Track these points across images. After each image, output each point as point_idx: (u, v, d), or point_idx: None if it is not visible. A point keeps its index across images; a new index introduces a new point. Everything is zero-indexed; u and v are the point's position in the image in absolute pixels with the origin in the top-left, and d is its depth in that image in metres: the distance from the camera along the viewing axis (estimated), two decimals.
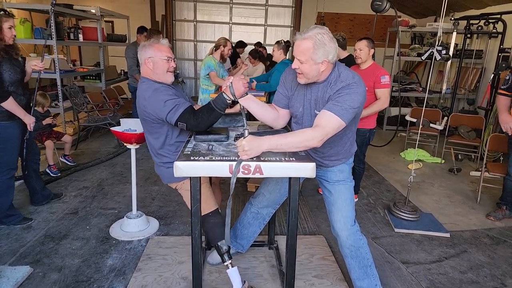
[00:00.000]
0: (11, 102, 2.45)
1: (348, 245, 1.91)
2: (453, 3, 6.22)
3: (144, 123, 1.96)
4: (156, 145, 1.97)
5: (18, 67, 2.56)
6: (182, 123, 1.78)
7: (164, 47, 1.94)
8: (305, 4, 8.28)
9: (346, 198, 1.88)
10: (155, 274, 2.23)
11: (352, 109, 1.60)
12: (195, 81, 8.67)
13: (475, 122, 4.75)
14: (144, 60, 1.91)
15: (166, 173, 2.02)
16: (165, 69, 1.91)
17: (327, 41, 1.59)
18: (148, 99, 1.84)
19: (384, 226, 3.00)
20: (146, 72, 1.94)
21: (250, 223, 2.24)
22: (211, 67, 3.89)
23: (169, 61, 1.92)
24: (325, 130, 1.57)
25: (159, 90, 1.85)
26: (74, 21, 6.36)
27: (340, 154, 1.87)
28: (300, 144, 1.56)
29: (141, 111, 1.92)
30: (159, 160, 2.02)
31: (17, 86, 2.55)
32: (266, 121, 1.89)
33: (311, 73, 1.65)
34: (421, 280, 2.31)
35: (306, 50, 1.60)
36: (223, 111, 1.78)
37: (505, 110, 3.03)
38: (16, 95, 2.52)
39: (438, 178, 4.24)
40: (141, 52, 1.93)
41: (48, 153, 3.65)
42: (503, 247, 2.77)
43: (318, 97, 1.72)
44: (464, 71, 6.20)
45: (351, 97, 1.60)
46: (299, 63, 1.64)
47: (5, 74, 2.44)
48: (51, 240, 2.57)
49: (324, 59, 1.61)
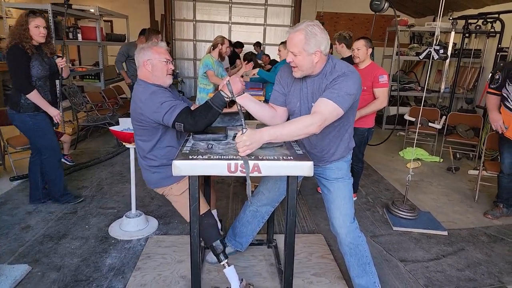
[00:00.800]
0: (35, 94, 2.68)
1: (347, 243, 1.92)
2: (452, 2, 6.24)
3: (137, 125, 1.96)
4: (146, 148, 1.98)
5: (48, 65, 2.79)
6: (180, 123, 1.78)
7: (163, 49, 1.95)
8: (305, 3, 8.29)
9: (345, 195, 1.89)
10: (154, 273, 2.24)
11: (348, 95, 1.62)
12: (194, 81, 8.67)
13: (473, 121, 4.76)
14: (142, 62, 1.92)
15: (152, 178, 2.04)
16: (164, 71, 1.93)
17: (318, 32, 1.64)
18: (144, 102, 1.85)
19: (382, 224, 3.01)
20: (144, 74, 1.94)
21: (249, 221, 2.25)
22: (209, 66, 3.89)
23: (167, 63, 1.94)
24: (323, 115, 1.58)
25: (156, 93, 1.86)
26: (73, 21, 6.35)
27: (339, 148, 1.87)
28: (300, 131, 1.56)
29: (135, 113, 1.91)
30: (147, 164, 2.02)
31: (44, 82, 2.77)
32: (264, 119, 1.90)
33: (305, 65, 1.68)
34: (419, 278, 2.32)
35: (299, 41, 1.64)
36: (221, 109, 1.78)
37: (495, 108, 3.06)
38: (42, 90, 2.75)
39: (436, 176, 4.25)
40: (140, 55, 1.93)
41: None
42: (500, 245, 2.78)
43: (315, 89, 1.74)
44: (462, 70, 6.22)
45: (347, 84, 1.63)
46: (293, 55, 1.68)
47: (33, 70, 2.68)
48: (50, 240, 2.57)
49: (316, 49, 1.64)
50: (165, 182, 2.03)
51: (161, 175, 2.02)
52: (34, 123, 2.77)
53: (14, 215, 2.90)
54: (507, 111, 2.96)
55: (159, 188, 2.07)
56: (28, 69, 2.65)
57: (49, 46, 2.82)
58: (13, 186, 3.45)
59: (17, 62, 2.62)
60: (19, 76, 2.63)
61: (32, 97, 2.67)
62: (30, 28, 2.63)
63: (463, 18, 5.79)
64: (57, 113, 2.83)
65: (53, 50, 2.88)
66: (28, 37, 2.62)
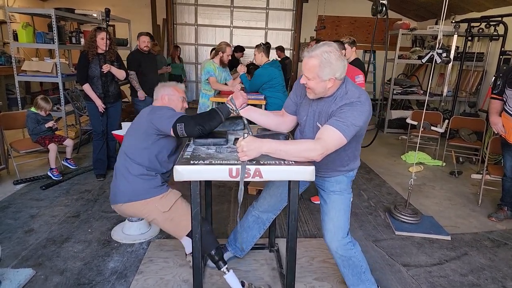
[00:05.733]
0: (87, 87, 3.57)
1: (338, 255, 1.91)
2: (454, 6, 6.24)
3: (137, 131, 2.07)
4: (137, 153, 2.03)
5: (101, 68, 3.56)
6: (180, 123, 1.84)
7: (182, 90, 2.25)
8: (306, 7, 8.31)
9: (339, 209, 1.87)
10: (157, 276, 2.24)
11: (354, 126, 1.60)
12: (196, 85, 8.70)
13: (476, 125, 4.75)
14: (160, 96, 2.16)
15: (132, 187, 2.02)
16: (179, 107, 2.16)
17: (334, 60, 1.60)
18: (150, 111, 2.04)
19: (384, 229, 3.00)
20: (159, 104, 2.16)
21: (250, 226, 2.24)
22: (210, 72, 3.91)
23: (183, 101, 2.21)
24: (326, 144, 1.56)
25: (165, 107, 2.07)
26: (75, 25, 6.39)
27: (337, 167, 1.86)
28: (299, 154, 1.55)
29: (143, 121, 2.03)
30: (134, 171, 2.02)
31: (97, 80, 3.60)
32: (269, 127, 1.96)
33: (318, 89, 1.68)
34: (421, 283, 2.31)
35: (313, 67, 1.63)
36: (224, 117, 1.87)
37: (495, 112, 3.11)
38: (93, 86, 3.60)
39: (439, 181, 4.23)
40: (160, 90, 2.19)
41: (51, 156, 3.68)
42: (504, 249, 2.76)
43: (322, 110, 1.74)
44: (465, 73, 6.21)
45: (353, 114, 1.61)
46: (306, 79, 1.68)
47: (90, 70, 3.56)
48: (53, 243, 2.58)
49: (330, 77, 1.62)
50: (146, 194, 2.02)
51: (144, 185, 2.02)
52: (88, 109, 3.78)
53: (18, 218, 2.91)
54: (507, 115, 3.00)
55: (135, 201, 2.02)
56: (86, 69, 3.54)
57: (111, 53, 3.63)
58: (16, 189, 3.47)
59: (79, 64, 3.57)
60: (78, 73, 3.63)
61: (84, 88, 3.58)
62: (98, 40, 3.49)
63: (466, 22, 5.78)
64: (101, 103, 3.61)
65: (113, 56, 3.67)
66: (94, 47, 3.49)
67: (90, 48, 3.50)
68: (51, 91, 7.25)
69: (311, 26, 8.48)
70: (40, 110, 3.73)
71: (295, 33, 8.44)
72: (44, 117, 3.78)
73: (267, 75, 3.79)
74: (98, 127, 3.73)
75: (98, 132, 3.75)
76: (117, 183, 2.06)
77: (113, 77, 3.72)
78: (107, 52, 3.58)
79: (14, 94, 5.93)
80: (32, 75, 4.59)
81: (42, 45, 4.61)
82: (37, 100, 3.76)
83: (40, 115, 3.74)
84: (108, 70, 3.57)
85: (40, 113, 3.74)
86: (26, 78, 4.84)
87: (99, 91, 3.62)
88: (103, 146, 3.80)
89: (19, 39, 4.68)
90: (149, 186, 2.01)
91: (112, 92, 3.75)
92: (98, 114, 3.66)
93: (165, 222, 2.05)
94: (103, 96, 3.64)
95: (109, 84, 3.68)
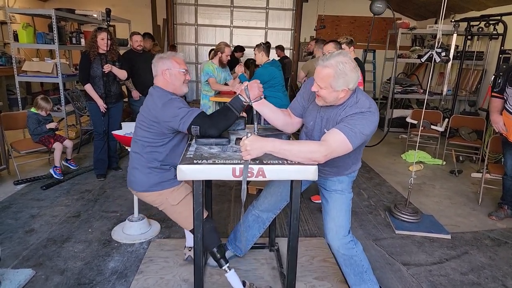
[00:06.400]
0: (89, 87, 3.59)
1: (340, 254, 1.91)
2: (453, 5, 6.24)
3: (144, 128, 1.93)
4: (149, 147, 1.94)
5: (103, 68, 3.57)
6: (196, 126, 1.77)
7: (181, 60, 1.99)
8: (306, 7, 8.31)
9: (341, 208, 1.87)
10: (157, 276, 2.25)
11: (361, 134, 1.59)
12: (196, 85, 8.70)
13: (476, 124, 4.75)
14: (161, 71, 1.94)
15: (145, 179, 1.97)
16: (182, 81, 1.97)
17: (349, 71, 1.57)
18: (162, 107, 1.84)
19: (385, 228, 3.00)
20: (161, 82, 1.96)
21: (250, 226, 2.25)
22: (210, 73, 3.92)
23: (185, 74, 1.98)
24: (331, 147, 1.55)
25: (175, 100, 1.88)
26: (76, 26, 6.40)
27: (341, 171, 1.87)
28: (303, 154, 1.53)
29: (149, 116, 1.88)
30: (150, 163, 1.96)
31: (98, 80, 3.62)
32: (277, 126, 1.93)
33: (329, 99, 1.65)
34: (422, 282, 2.31)
35: (326, 77, 1.59)
36: (239, 112, 1.80)
37: (496, 111, 3.12)
38: (95, 86, 3.61)
39: (439, 179, 4.24)
40: (158, 64, 1.95)
41: (56, 154, 3.70)
42: (504, 248, 2.77)
43: (330, 117, 1.72)
44: (465, 72, 6.20)
45: (362, 123, 1.59)
46: (318, 87, 1.64)
47: (91, 70, 3.57)
48: (53, 243, 2.58)
49: (344, 88, 1.60)
50: (159, 186, 1.99)
51: (157, 178, 1.98)
52: (89, 109, 3.80)
53: (18, 218, 2.92)
54: (507, 114, 3.00)
55: (150, 192, 2.01)
56: (88, 69, 3.55)
57: (112, 53, 3.64)
58: (17, 190, 3.48)
59: (81, 64, 3.59)
60: (80, 73, 3.64)
61: (86, 88, 3.60)
62: (98, 40, 3.51)
63: (465, 21, 5.77)
64: (102, 104, 3.63)
65: (115, 57, 3.68)
66: (95, 47, 3.51)
67: (91, 48, 3.52)
68: (51, 92, 7.25)
69: (311, 25, 8.48)
70: (40, 110, 3.74)
71: (295, 33, 8.44)
72: (45, 117, 3.78)
73: (267, 74, 3.79)
74: (99, 127, 3.74)
75: (99, 132, 3.76)
76: (132, 171, 2.02)
77: (114, 77, 3.73)
78: (109, 52, 3.59)
79: (14, 94, 5.93)
80: (33, 75, 4.60)
81: (43, 46, 4.62)
82: (37, 100, 3.77)
83: (40, 116, 3.75)
84: (110, 70, 3.58)
85: (41, 113, 3.75)
86: (27, 79, 4.85)
87: (101, 91, 3.64)
88: (104, 146, 3.80)
89: (19, 39, 4.69)
90: (163, 179, 1.98)
91: (113, 92, 3.77)
92: (100, 114, 3.68)
93: (173, 214, 2.06)
94: (104, 96, 3.66)
95: (110, 84, 3.70)
